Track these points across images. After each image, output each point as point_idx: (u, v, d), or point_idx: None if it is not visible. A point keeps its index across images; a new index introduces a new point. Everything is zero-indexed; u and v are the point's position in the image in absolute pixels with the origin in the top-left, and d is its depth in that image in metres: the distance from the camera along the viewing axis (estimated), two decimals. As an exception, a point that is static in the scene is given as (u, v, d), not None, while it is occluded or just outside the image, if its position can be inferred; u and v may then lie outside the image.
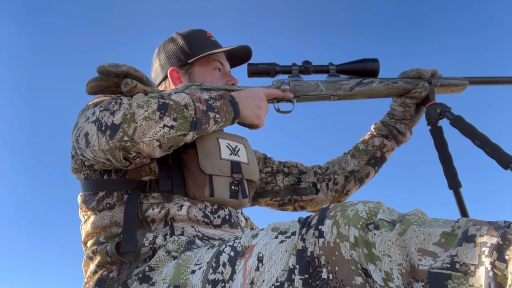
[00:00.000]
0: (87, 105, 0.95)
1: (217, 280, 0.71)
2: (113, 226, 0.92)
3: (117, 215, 0.92)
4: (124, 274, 0.85)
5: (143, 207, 0.91)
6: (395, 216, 0.62)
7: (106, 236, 0.92)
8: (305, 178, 1.23)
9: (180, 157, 0.97)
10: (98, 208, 0.95)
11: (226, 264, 0.72)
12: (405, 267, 0.55)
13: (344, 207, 0.64)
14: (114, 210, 0.93)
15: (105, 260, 0.89)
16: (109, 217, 0.93)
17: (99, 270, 0.90)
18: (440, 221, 0.59)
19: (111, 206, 0.94)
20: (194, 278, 0.74)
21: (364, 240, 0.59)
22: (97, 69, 0.91)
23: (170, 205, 0.91)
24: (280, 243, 0.68)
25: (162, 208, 0.91)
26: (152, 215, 0.91)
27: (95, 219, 0.94)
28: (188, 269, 0.76)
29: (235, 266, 0.71)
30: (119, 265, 0.88)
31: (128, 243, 0.86)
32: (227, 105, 0.95)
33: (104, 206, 0.94)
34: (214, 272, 0.72)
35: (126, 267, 0.86)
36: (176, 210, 0.91)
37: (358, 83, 1.13)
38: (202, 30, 1.19)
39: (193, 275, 0.75)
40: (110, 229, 0.93)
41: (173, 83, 1.14)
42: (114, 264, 0.88)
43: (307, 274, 0.61)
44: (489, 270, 0.50)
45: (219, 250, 0.76)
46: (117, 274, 0.86)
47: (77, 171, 1.01)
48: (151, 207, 0.91)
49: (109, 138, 0.81)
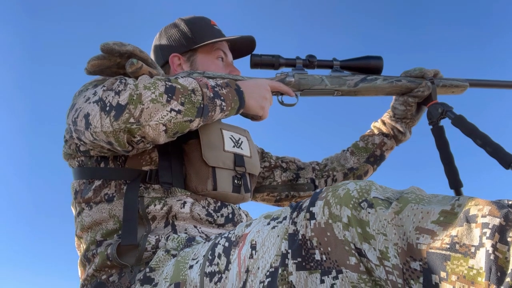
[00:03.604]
0: (85, 86, 0.90)
1: (214, 272, 0.69)
2: (110, 220, 0.87)
3: (116, 209, 0.87)
4: (126, 279, 0.81)
5: (145, 202, 0.86)
6: (389, 193, 0.60)
7: (103, 234, 0.87)
8: (303, 174, 1.22)
9: (181, 148, 0.93)
10: (95, 199, 0.89)
11: (221, 255, 0.70)
12: (402, 246, 0.53)
13: (336, 188, 0.62)
14: (113, 203, 0.88)
15: (105, 263, 0.84)
16: (107, 211, 0.87)
17: (98, 273, 0.85)
18: (439, 197, 0.57)
19: (109, 199, 0.88)
20: (192, 272, 0.72)
21: (358, 219, 0.57)
22: (100, 46, 0.86)
23: (173, 202, 0.87)
24: (272, 229, 0.66)
25: (164, 205, 0.87)
26: (153, 212, 0.86)
27: (91, 212, 0.89)
28: (186, 265, 0.74)
29: (229, 256, 0.69)
30: (120, 269, 0.83)
31: (128, 236, 0.82)
32: (233, 94, 0.92)
33: (102, 198, 0.89)
34: (211, 264, 0.70)
35: (127, 271, 0.82)
36: (179, 208, 0.87)
37: (362, 79, 1.13)
38: (206, 18, 1.15)
39: (191, 270, 0.73)
40: (106, 224, 0.88)
41: (174, 69, 1.10)
42: (114, 267, 0.83)
43: (300, 258, 0.60)
44: (490, 253, 0.48)
45: (215, 242, 0.74)
46: (118, 278, 0.82)
47: (70, 157, 0.95)
48: (152, 202, 0.87)
49: (114, 119, 0.77)
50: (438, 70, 1.17)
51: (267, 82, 1.05)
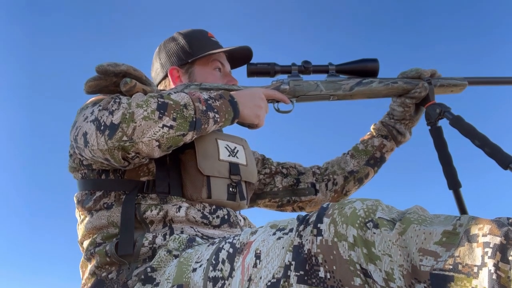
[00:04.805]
0: (86, 104, 0.95)
1: (217, 277, 0.71)
2: (110, 227, 0.92)
3: (114, 215, 0.91)
4: (124, 275, 0.85)
5: (141, 209, 0.90)
6: (395, 214, 0.60)
7: (103, 237, 0.92)
8: (304, 179, 1.23)
9: (178, 158, 0.97)
10: (95, 208, 0.94)
11: (225, 261, 0.72)
12: (407, 268, 0.54)
13: (342, 205, 0.62)
14: (112, 210, 0.92)
15: (104, 260, 0.88)
16: (106, 217, 0.92)
17: (98, 271, 0.89)
18: (442, 217, 0.58)
19: (108, 206, 0.93)
20: (196, 276, 0.74)
21: (363, 239, 0.57)
22: (96, 68, 0.91)
23: (169, 207, 0.91)
24: (278, 240, 0.67)
25: (160, 210, 0.90)
26: (150, 217, 0.90)
27: (91, 219, 0.94)
28: (190, 267, 0.76)
29: (233, 263, 0.70)
30: (118, 266, 0.87)
31: (125, 246, 0.86)
32: (226, 105, 0.95)
33: (101, 206, 0.93)
34: (214, 269, 0.72)
35: (125, 268, 0.86)
36: (174, 212, 0.90)
37: (357, 83, 1.13)
38: (203, 30, 1.18)
39: (195, 273, 0.74)
40: (107, 229, 0.92)
41: (173, 82, 1.14)
42: (113, 265, 0.88)
43: (303, 271, 0.60)
44: (493, 272, 0.48)
45: (219, 247, 0.76)
46: (116, 275, 0.86)
47: (74, 170, 1.00)
48: (149, 208, 0.90)
49: (108, 138, 0.81)
50: (435, 70, 1.15)
51: (262, 90, 1.07)
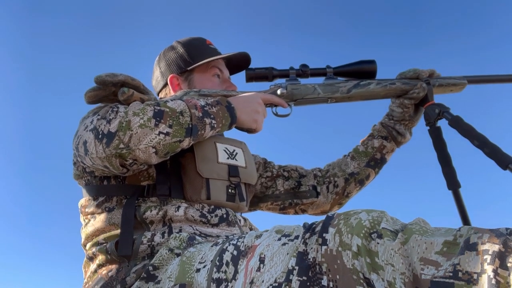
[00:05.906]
0: (87, 113, 0.99)
1: (221, 279, 0.72)
2: (111, 228, 0.94)
3: (115, 217, 0.94)
4: (122, 272, 0.87)
5: (141, 210, 0.93)
6: (398, 226, 0.61)
7: (105, 237, 0.95)
8: (305, 182, 1.23)
9: (178, 161, 0.99)
10: (98, 211, 0.97)
11: (229, 263, 0.73)
12: (408, 276, 0.55)
13: (348, 216, 0.64)
14: (113, 212, 0.95)
15: (105, 259, 0.91)
16: (108, 219, 0.95)
17: (99, 269, 0.92)
18: (442, 230, 0.59)
19: (110, 209, 0.96)
20: (199, 276, 0.75)
21: (367, 249, 0.58)
22: (94, 79, 0.94)
23: (168, 207, 0.93)
24: (283, 245, 0.68)
25: (159, 210, 0.93)
26: (150, 217, 0.92)
27: (94, 222, 0.97)
28: (193, 267, 0.78)
29: (237, 265, 0.71)
30: (118, 264, 0.90)
31: (125, 246, 0.88)
32: (223, 111, 0.97)
33: (103, 210, 0.97)
34: (218, 271, 0.73)
35: (124, 266, 0.88)
36: (173, 211, 0.93)
37: (355, 85, 1.13)
38: (201, 38, 1.21)
39: (198, 274, 0.76)
40: (108, 230, 0.95)
41: (173, 90, 1.16)
42: (113, 263, 0.90)
43: (306, 277, 0.61)
44: (492, 278, 0.49)
45: (223, 248, 0.77)
46: (116, 273, 0.89)
47: (78, 177, 1.04)
48: (148, 209, 0.93)
49: (106, 146, 0.84)
50: (434, 69, 1.14)
51: (259, 95, 1.08)
